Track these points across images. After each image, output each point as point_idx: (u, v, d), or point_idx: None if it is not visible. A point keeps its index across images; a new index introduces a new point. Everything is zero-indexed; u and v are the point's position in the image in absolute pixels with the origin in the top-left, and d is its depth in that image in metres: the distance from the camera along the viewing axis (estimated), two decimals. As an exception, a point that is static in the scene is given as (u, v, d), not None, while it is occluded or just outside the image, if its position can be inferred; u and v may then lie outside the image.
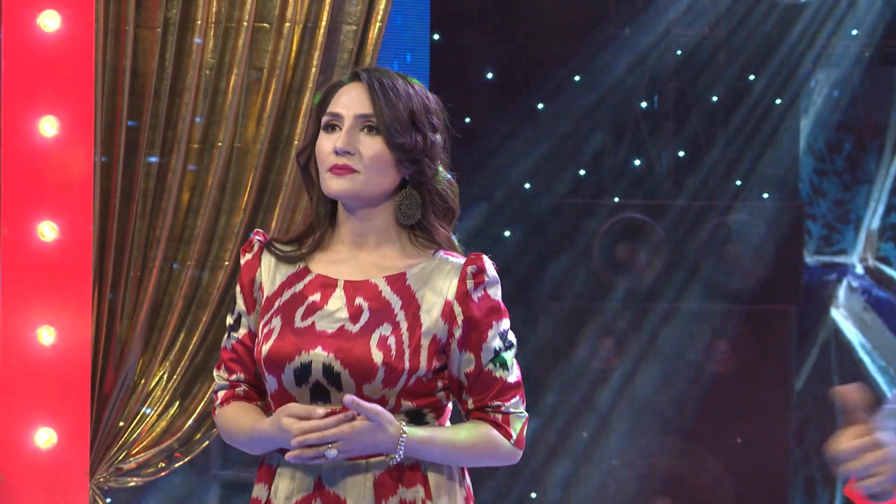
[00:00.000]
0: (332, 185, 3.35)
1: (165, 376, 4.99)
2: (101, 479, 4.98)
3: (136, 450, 5.01)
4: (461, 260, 3.33)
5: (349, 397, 3.19)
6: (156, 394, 4.98)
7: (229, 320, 3.45)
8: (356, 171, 3.34)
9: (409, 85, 3.38)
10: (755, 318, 6.73)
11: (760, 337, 6.69)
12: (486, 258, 3.32)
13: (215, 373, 3.44)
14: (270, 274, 3.43)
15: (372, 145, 3.35)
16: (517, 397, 3.34)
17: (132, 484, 5.06)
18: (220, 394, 3.43)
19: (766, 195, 7.57)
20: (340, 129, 3.36)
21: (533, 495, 6.99)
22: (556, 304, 6.89)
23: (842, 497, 7.23)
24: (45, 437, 4.81)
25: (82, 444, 4.86)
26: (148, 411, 4.98)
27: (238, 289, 3.45)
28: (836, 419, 7.90)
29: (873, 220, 7.47)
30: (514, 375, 3.36)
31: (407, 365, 3.29)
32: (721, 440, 6.73)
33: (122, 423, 4.99)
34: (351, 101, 3.36)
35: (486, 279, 3.33)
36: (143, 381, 4.99)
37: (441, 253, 3.37)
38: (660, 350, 6.77)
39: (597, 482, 6.80)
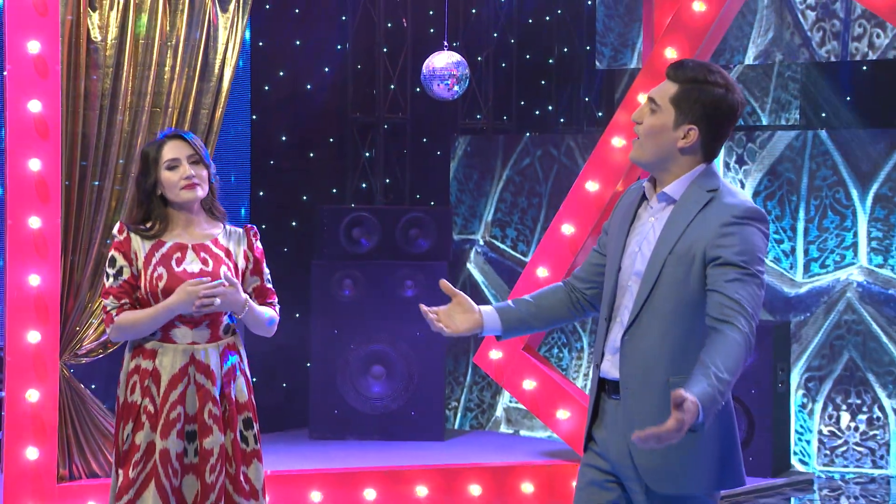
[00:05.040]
0: (187, 195, 3.44)
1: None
2: (66, 359, 4.95)
3: (87, 342, 4.98)
4: (242, 229, 3.51)
5: (225, 273, 3.37)
6: (97, 312, 4.94)
7: (111, 271, 3.43)
8: (199, 185, 3.44)
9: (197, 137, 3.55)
10: (425, 269, 6.69)
11: (428, 280, 6.61)
12: (255, 227, 3.55)
13: (106, 301, 3.42)
14: (139, 244, 3.45)
15: (202, 170, 3.45)
16: (276, 299, 3.57)
17: (84, 361, 5.04)
18: (114, 311, 3.41)
19: (432, 203, 7.72)
20: (179, 166, 3.43)
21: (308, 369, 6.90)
22: (323, 262, 6.80)
23: (472, 364, 7.34)
24: (35, 337, 4.79)
25: (55, 340, 4.84)
26: (94, 321, 4.96)
27: (118, 254, 3.43)
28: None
29: (488, 216, 7.59)
30: (272, 285, 3.57)
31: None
32: (408, 334, 6.69)
33: (77, 328, 4.96)
34: (179, 150, 3.45)
35: (258, 237, 3.55)
36: (90, 305, 4.96)
37: (227, 225, 3.51)
38: (376, 287, 6.68)
39: (347, 362, 6.74)
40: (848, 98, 7.45)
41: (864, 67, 7.29)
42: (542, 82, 8.13)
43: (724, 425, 2.65)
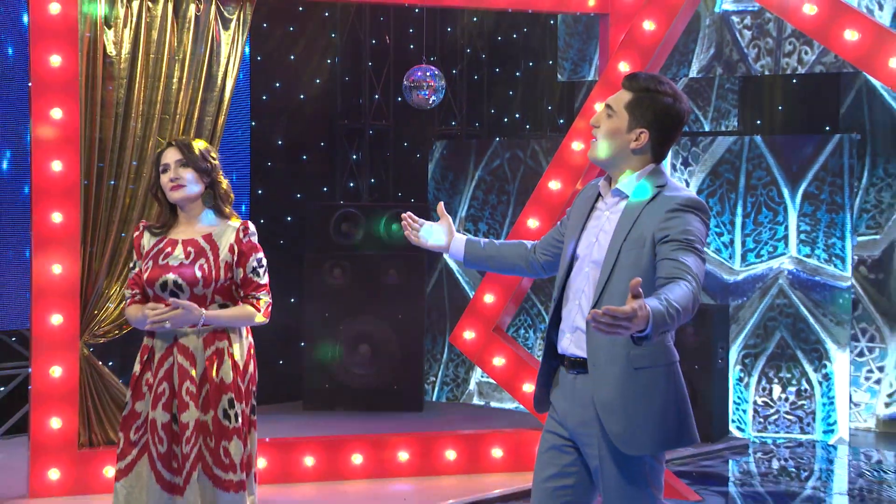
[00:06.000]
0: (174, 195, 3.43)
1: (118, 289, 4.96)
2: (86, 339, 4.95)
3: (104, 324, 4.98)
4: (237, 223, 3.42)
5: (174, 300, 3.31)
6: (113, 297, 4.96)
7: (130, 264, 3.53)
8: (184, 186, 3.41)
9: (197, 145, 3.48)
10: (406, 259, 6.70)
11: (411, 269, 6.67)
12: (249, 223, 3.47)
13: (125, 290, 3.50)
14: (147, 240, 3.47)
15: (187, 172, 3.42)
16: (264, 291, 3.45)
17: (101, 341, 5.03)
18: (128, 300, 3.44)
19: (412, 200, 7.73)
20: (168, 170, 3.42)
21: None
22: (315, 254, 6.82)
23: (448, 343, 7.34)
24: (58, 319, 4.78)
25: (76, 322, 4.84)
26: (110, 305, 4.96)
27: (134, 249, 3.48)
28: (446, 309, 7.79)
29: (462, 211, 7.60)
30: (263, 280, 3.45)
31: (213, 276, 3.39)
32: (390, 317, 6.71)
33: (96, 312, 4.96)
34: (171, 155, 3.44)
35: (249, 232, 3.46)
36: (106, 290, 4.95)
37: (228, 221, 3.45)
38: (363, 275, 6.69)
39: (336, 342, 6.73)
40: (780, 107, 7.51)
41: (794, 80, 7.35)
42: (510, 93, 8.16)
43: (678, 391, 2.67)
